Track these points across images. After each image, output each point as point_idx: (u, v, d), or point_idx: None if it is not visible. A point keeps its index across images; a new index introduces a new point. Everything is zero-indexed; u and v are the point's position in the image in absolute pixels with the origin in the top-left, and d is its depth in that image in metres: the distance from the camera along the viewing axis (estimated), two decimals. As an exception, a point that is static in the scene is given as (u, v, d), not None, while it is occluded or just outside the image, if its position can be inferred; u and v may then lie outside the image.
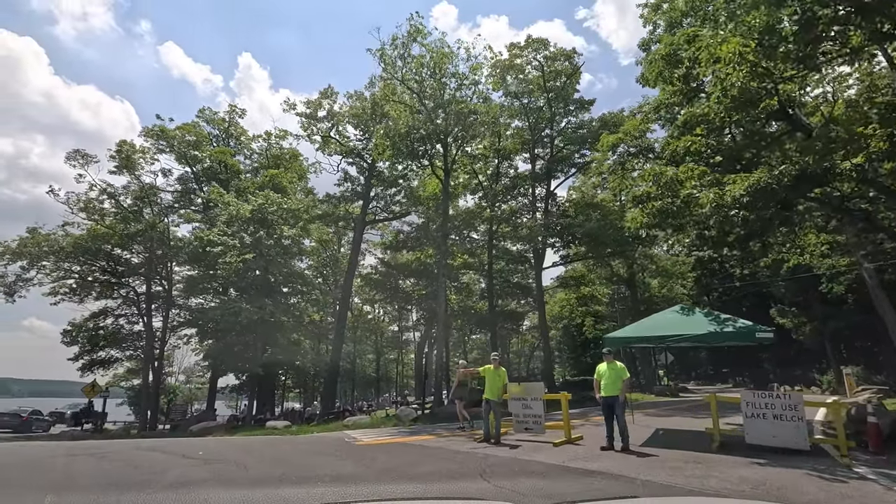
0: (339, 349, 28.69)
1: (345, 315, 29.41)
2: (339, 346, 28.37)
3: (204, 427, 16.85)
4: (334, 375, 27.83)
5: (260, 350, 23.81)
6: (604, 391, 8.57)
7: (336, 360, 27.90)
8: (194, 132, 29.31)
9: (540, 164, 28.10)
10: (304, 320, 27.30)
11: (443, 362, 22.86)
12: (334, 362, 27.62)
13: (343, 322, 28.94)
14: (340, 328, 28.60)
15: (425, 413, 20.13)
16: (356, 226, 31.32)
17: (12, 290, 22.53)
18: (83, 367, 25.95)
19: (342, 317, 28.77)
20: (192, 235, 22.64)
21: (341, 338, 28.72)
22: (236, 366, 23.64)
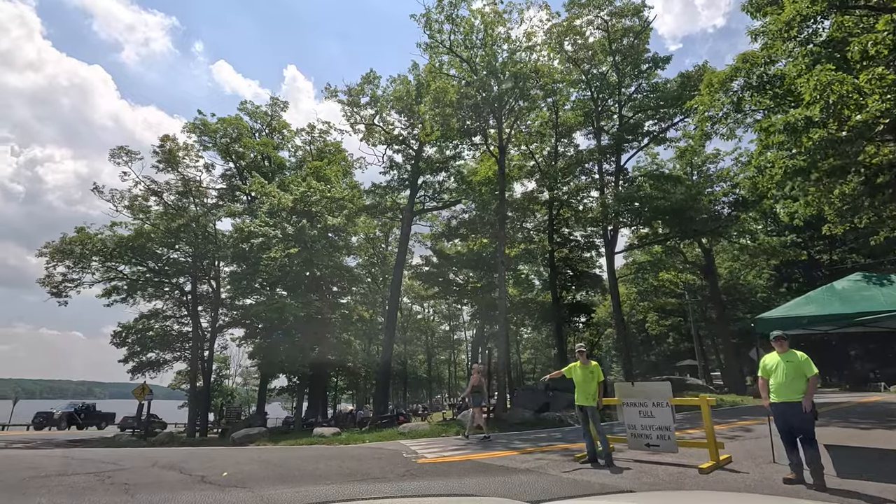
0: (391, 348, 26.73)
1: (395, 312, 27.44)
2: (391, 344, 26.41)
3: (245, 434, 15.17)
4: (386, 376, 25.89)
5: (308, 349, 22.16)
6: (778, 395, 5.70)
7: (387, 359, 25.95)
8: (236, 124, 28.33)
9: (606, 138, 24.98)
10: (352, 318, 25.54)
11: (504, 360, 20.32)
12: (385, 362, 25.67)
13: (393, 319, 26.97)
14: (391, 326, 26.64)
15: (489, 417, 17.66)
16: (404, 216, 29.31)
17: (60, 290, 22.10)
18: (134, 370, 25.36)
19: (392, 313, 26.80)
20: (233, 227, 21.32)
21: (392, 336, 26.76)
22: (284, 366, 22.10)
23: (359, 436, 15.21)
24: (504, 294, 21.44)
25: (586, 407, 7.37)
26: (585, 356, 7.65)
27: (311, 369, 22.80)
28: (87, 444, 19.72)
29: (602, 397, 7.45)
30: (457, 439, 12.66)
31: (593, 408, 7.29)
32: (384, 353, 26.08)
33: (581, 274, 25.54)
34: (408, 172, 30.37)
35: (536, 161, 28.63)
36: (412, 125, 29.66)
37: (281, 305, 19.16)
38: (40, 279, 21.57)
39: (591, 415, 7.30)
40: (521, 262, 26.44)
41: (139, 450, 12.80)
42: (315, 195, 21.94)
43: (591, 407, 7.29)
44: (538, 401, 21.53)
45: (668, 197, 17.87)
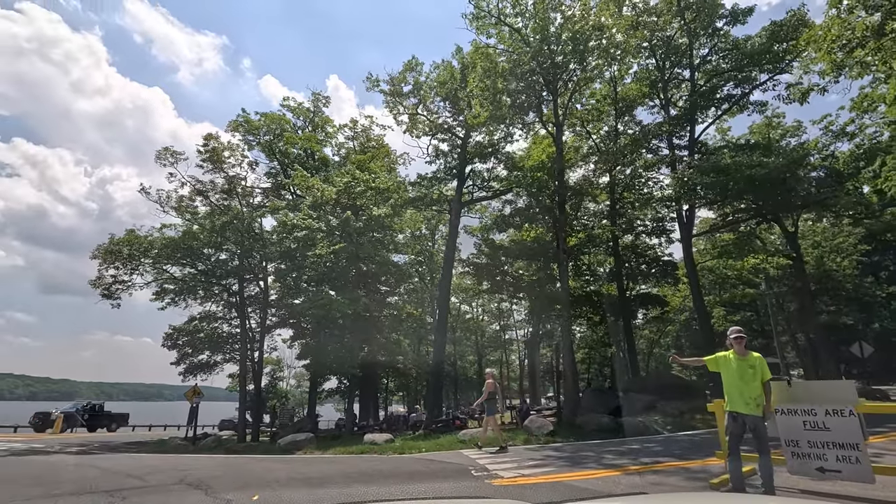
0: (443, 347, 25.15)
1: (445, 308, 25.83)
2: (443, 343, 24.83)
3: (292, 441, 13.95)
4: (439, 378, 24.30)
5: (357, 349, 20.93)
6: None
7: (440, 359, 24.37)
8: (279, 121, 27.70)
9: (675, 110, 22.31)
10: (402, 316, 24.15)
11: (570, 358, 18.23)
12: (438, 362, 24.09)
13: (444, 316, 25.37)
14: (442, 323, 25.05)
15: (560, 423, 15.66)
16: (452, 208, 27.68)
17: (111, 292, 22.00)
18: (185, 372, 25.06)
19: (443, 310, 25.20)
20: (276, 221, 20.36)
21: (444, 334, 25.17)
22: (333, 367, 20.97)
23: (413, 443, 13.65)
24: (566, 286, 19.35)
25: (747, 416, 5.19)
26: (744, 344, 5.47)
27: (360, 370, 21.53)
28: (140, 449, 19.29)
29: (769, 402, 5.29)
30: (528, 450, 10.81)
31: (758, 418, 5.14)
32: (436, 353, 24.53)
33: (651, 262, 22.94)
34: (454, 161, 28.77)
35: (594, 142, 26.26)
36: (457, 111, 28.06)
37: (327, 302, 17.96)
38: (91, 281, 21.55)
39: (753, 428, 5.14)
40: (583, 252, 24.12)
41: (175, 459, 11.79)
42: (359, 186, 20.70)
43: (753, 417, 5.14)
44: (608, 404, 19.26)
45: (764, 164, 15.17)
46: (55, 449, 17.55)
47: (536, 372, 36.94)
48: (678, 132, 22.15)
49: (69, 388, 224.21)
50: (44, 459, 12.18)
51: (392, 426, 27.56)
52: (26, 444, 19.87)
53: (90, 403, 34.70)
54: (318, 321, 19.19)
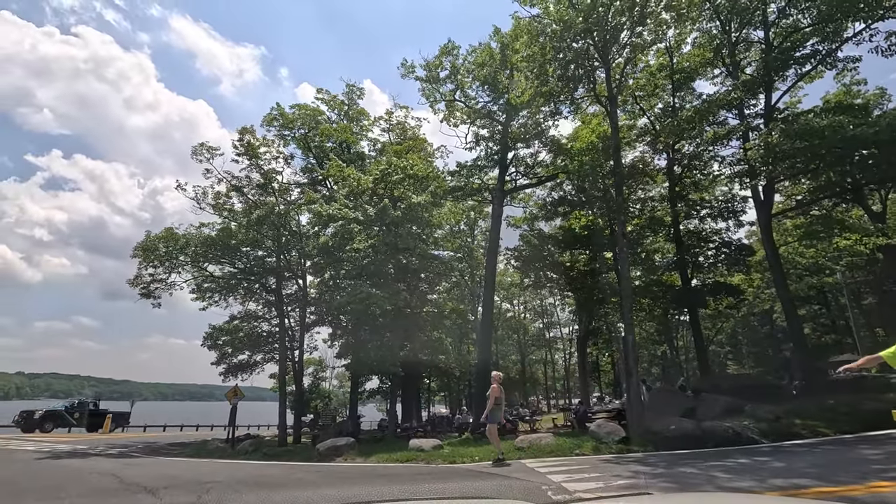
0: (489, 344, 23.62)
1: (490, 303, 24.24)
2: (488, 339, 23.28)
3: (332, 447, 12.78)
4: (486, 377, 22.71)
5: (397, 347, 19.70)
6: None
7: (485, 357, 22.84)
8: (313, 113, 26.93)
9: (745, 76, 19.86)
10: (444, 312, 22.76)
11: (634, 356, 16.25)
12: (484, 360, 22.55)
13: (489, 311, 23.79)
14: (487, 319, 23.49)
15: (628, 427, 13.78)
16: (494, 197, 26.10)
17: (150, 291, 21.73)
18: (226, 372, 24.62)
19: (487, 305, 23.62)
20: (311, 212, 19.37)
21: (489, 330, 23.63)
22: (374, 366, 19.80)
23: (464, 450, 12.18)
24: (627, 274, 17.36)
25: None
26: None
27: (402, 369, 20.29)
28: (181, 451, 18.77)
29: None
30: (605, 462, 9.12)
31: None
32: (481, 350, 23.01)
33: (720, 247, 20.56)
34: (495, 148, 27.17)
35: (649, 119, 24.04)
36: (497, 95, 26.45)
37: (366, 296, 16.77)
38: (129, 280, 21.32)
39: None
40: (641, 239, 22.00)
41: (206, 466, 10.80)
42: (396, 173, 19.46)
43: None
44: (678, 405, 17.15)
45: (873, 123, 12.76)
46: (96, 451, 17.20)
47: (587, 370, 34.77)
48: (750, 100, 19.70)
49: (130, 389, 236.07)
50: (71, 464, 11.50)
51: (436, 428, 26.22)
52: (71, 445, 19.79)
53: (80, 401, 31.74)
54: (357, 317, 18.04)
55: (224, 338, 24.47)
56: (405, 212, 18.63)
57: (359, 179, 19.17)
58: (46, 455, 14.72)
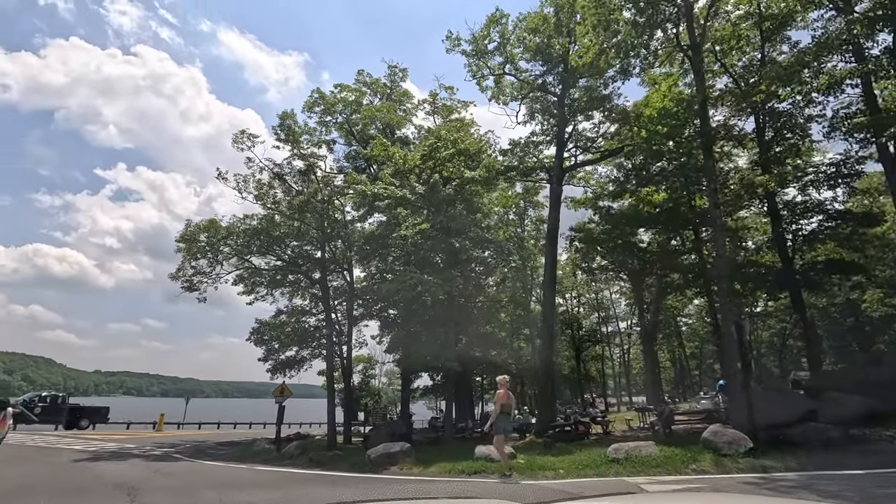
0: (552, 337, 21.36)
1: (552, 291, 21.87)
2: (551, 332, 21.01)
3: (385, 454, 11.03)
4: (550, 373, 20.47)
5: (451, 340, 17.83)
6: None
7: (549, 351, 20.58)
8: (355, 92, 25.47)
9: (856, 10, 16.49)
10: (502, 301, 20.65)
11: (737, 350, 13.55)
12: (548, 355, 20.30)
13: (551, 300, 21.48)
14: (549, 311, 21.17)
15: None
16: (552, 176, 23.70)
17: (193, 284, 20.96)
18: (273, 369, 23.62)
19: (549, 294, 21.28)
20: (355, 192, 17.73)
21: (552, 323, 21.35)
22: (427, 361, 18.02)
23: (543, 460, 10.08)
24: (722, 251, 14.63)
25: None
26: None
27: (458, 364, 18.37)
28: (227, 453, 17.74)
29: None
30: (745, 483, 6.77)
31: None
32: (544, 344, 20.76)
33: (831, 218, 17.27)
34: (551, 123, 24.73)
35: (732, 76, 20.92)
36: (552, 64, 24.03)
37: (417, 282, 14.95)
38: (172, 273, 20.60)
39: None
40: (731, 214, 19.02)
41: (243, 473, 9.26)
42: (445, 148, 17.55)
43: None
44: (793, 407, 14.23)
45: None
46: (141, 451, 16.39)
47: (656, 367, 31.65)
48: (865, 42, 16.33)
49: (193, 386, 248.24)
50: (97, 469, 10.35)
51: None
52: (119, 444, 19.28)
53: (45, 395, 28.11)
54: (407, 306, 16.25)
55: (271, 333, 23.51)
56: (457, 189, 16.69)
57: (405, 157, 17.40)
58: (86, 456, 13.89)
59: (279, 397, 17.89)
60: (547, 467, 9.34)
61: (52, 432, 25.47)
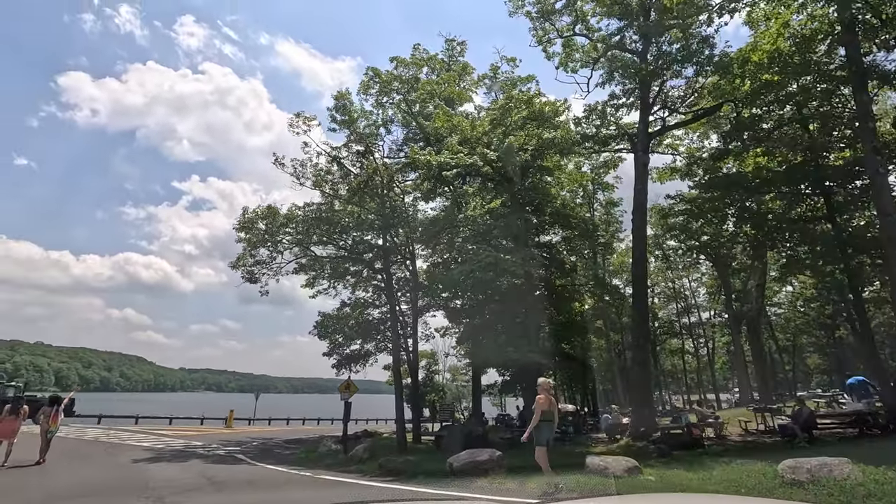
0: (646, 326, 18.55)
1: (644, 271, 19.00)
2: (644, 317, 18.19)
3: (470, 462, 9.08)
4: (645, 366, 17.68)
5: (533, 328, 15.60)
6: None
7: (643, 339, 17.82)
8: (412, 65, 23.73)
9: None
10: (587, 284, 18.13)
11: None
12: (641, 345, 17.57)
13: (643, 277, 18.59)
14: (640, 294, 18.36)
15: None
16: (638, 142, 20.74)
17: (253, 275, 20.15)
18: (338, 364, 22.48)
19: (640, 274, 18.45)
20: (417, 161, 15.81)
21: (645, 305, 18.52)
22: (505, 352, 15.91)
23: (677, 475, 7.68)
24: (890, 205, 11.35)
25: None
26: None
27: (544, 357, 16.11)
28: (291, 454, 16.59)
29: None
30: None
31: None
32: (637, 332, 18.02)
33: None
34: (632, 85, 21.73)
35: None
36: (631, 17, 21.05)
37: (493, 261, 12.89)
38: (232, 263, 19.86)
39: None
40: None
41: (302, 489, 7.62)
42: (518, 110, 15.33)
43: None
44: None
45: None
46: (206, 451, 15.56)
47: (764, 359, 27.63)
48: None
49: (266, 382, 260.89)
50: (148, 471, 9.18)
51: (578, 431, 21.68)
52: (188, 440, 18.77)
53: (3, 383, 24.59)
54: (481, 290, 14.19)
55: (334, 326, 22.41)
56: (535, 153, 14.42)
57: (473, 123, 15.36)
58: (148, 455, 13.07)
59: (345, 393, 16.44)
60: (691, 487, 6.96)
61: (130, 427, 25.93)
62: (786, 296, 46.12)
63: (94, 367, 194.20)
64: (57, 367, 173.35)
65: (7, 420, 10.66)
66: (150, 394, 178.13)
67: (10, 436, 10.54)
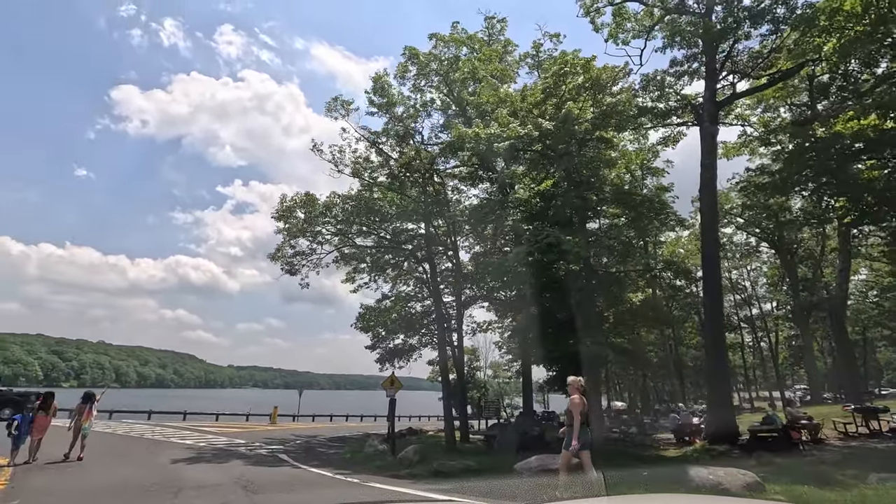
0: (720, 310, 16.64)
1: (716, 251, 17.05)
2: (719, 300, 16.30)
3: (541, 466, 7.72)
4: (721, 357, 15.75)
5: (594, 320, 14.01)
6: None
7: (718, 329, 15.92)
8: (452, 43, 22.44)
9: None
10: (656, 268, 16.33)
11: None
12: (717, 334, 15.66)
13: (714, 264, 16.61)
14: (712, 276, 16.40)
15: None
16: (704, 111, 18.69)
17: (293, 266, 19.44)
18: (381, 359, 21.58)
19: (712, 255, 16.49)
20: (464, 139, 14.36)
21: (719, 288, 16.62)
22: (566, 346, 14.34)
23: (812, 491, 6.05)
24: None
25: None
26: None
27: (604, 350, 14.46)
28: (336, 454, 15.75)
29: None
30: None
31: None
32: (711, 317, 16.12)
33: None
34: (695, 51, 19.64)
35: None
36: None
37: (555, 240, 11.42)
38: (271, 254, 19.22)
39: None
40: None
41: None
42: (573, 73, 13.74)
43: None
44: None
45: None
46: (249, 449, 14.86)
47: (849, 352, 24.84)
48: None
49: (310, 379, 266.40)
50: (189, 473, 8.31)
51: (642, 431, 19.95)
52: (232, 438, 18.25)
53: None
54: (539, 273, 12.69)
55: (376, 319, 21.52)
56: (596, 121, 12.81)
57: (524, 91, 13.91)
58: (188, 455, 12.38)
59: (390, 390, 15.39)
60: None
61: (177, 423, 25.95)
62: (856, 285, 42.12)
63: (150, 365, 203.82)
64: (117, 365, 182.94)
65: (39, 416, 10.46)
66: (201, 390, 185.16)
67: (41, 432, 10.33)
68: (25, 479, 8.57)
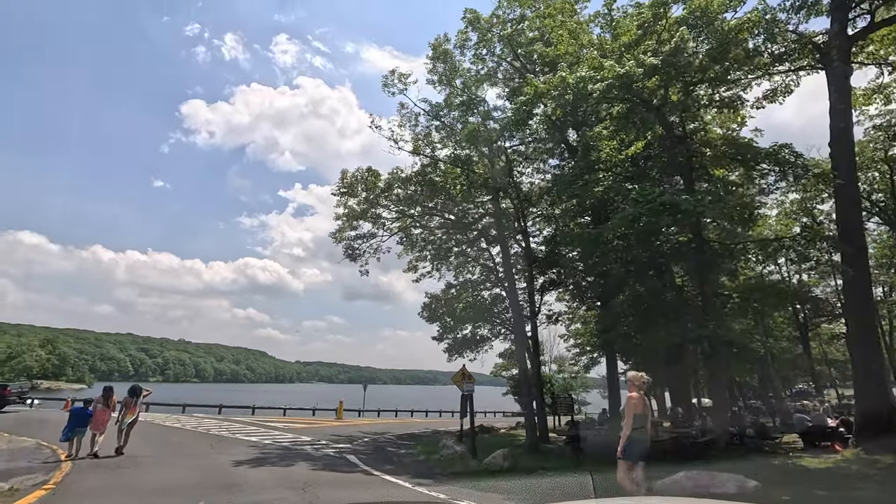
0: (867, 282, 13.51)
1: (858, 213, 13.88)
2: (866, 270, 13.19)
3: (698, 487, 5.52)
4: (874, 338, 12.67)
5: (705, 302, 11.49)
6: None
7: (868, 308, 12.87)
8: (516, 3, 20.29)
9: None
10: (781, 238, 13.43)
11: None
12: (866, 314, 12.63)
13: (857, 224, 13.50)
14: (855, 235, 13.30)
15: None
16: (831, 50, 15.40)
17: (354, 251, 18.19)
18: (449, 350, 19.92)
19: (854, 213, 13.39)
20: (554, 79, 12.01)
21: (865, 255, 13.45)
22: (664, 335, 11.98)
23: None
24: None
25: None
26: None
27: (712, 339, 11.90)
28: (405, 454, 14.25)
29: None
30: None
31: None
32: (854, 294, 13.00)
33: None
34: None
35: None
36: None
37: (669, 200, 9.11)
38: (332, 233, 18.05)
39: None
40: None
41: None
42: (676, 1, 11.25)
43: None
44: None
45: None
46: (315, 448, 13.67)
47: None
48: None
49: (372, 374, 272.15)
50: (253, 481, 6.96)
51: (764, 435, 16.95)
52: (298, 435, 17.30)
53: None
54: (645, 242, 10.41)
55: (442, 308, 19.91)
56: (713, 53, 10.29)
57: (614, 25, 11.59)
58: (252, 455, 11.26)
59: (467, 385, 13.64)
60: None
61: (246, 418, 25.72)
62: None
63: (225, 361, 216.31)
64: (196, 361, 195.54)
65: (99, 411, 9.82)
66: (270, 385, 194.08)
67: (101, 427, 9.97)
68: (74, 480, 7.64)
